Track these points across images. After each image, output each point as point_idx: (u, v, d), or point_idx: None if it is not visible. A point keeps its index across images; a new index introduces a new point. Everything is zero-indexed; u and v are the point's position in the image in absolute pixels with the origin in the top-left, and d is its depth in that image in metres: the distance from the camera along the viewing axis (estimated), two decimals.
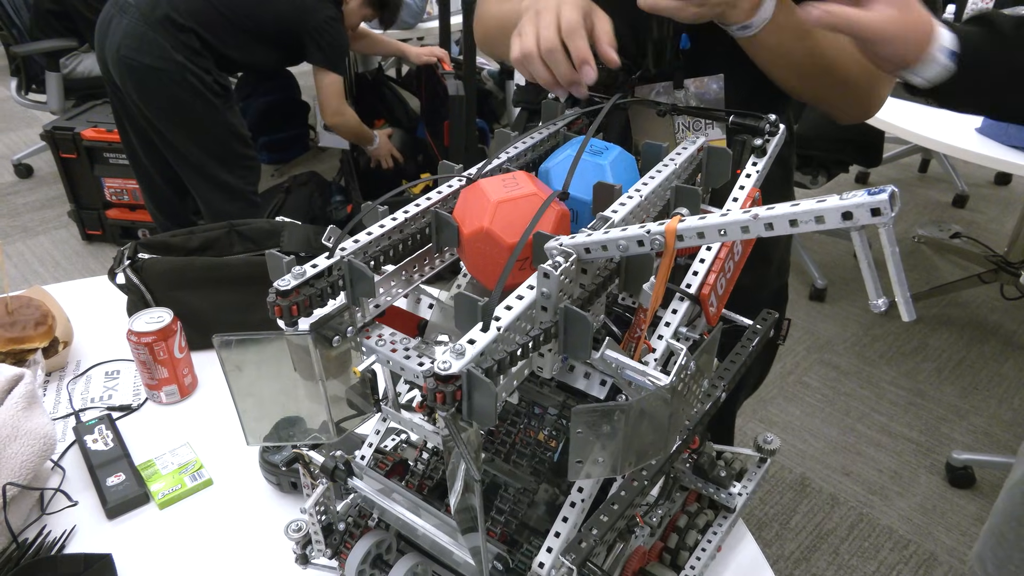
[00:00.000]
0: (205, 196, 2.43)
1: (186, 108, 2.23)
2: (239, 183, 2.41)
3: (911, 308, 0.39)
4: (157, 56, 2.14)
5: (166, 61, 2.14)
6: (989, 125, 1.84)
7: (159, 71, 2.16)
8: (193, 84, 2.19)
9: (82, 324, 1.20)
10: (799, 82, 0.86)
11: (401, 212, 0.60)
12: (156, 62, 2.15)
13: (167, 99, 2.21)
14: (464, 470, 0.49)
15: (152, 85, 2.20)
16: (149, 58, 2.15)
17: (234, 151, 2.37)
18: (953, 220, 3.32)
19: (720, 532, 0.80)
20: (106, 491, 0.91)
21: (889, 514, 1.98)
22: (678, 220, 0.45)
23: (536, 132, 0.74)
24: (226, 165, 2.36)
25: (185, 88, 2.18)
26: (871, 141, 2.68)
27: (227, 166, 2.37)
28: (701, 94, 0.90)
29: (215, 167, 2.35)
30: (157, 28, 2.13)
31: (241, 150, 2.39)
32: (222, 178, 2.37)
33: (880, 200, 0.36)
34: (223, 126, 2.31)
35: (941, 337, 2.64)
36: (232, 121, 2.34)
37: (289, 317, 0.52)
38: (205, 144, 2.32)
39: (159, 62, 2.15)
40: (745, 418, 2.29)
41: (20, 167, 3.67)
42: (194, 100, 2.22)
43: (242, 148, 2.39)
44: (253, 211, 2.46)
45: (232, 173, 2.38)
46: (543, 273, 0.48)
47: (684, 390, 0.49)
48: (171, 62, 2.15)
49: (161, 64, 2.15)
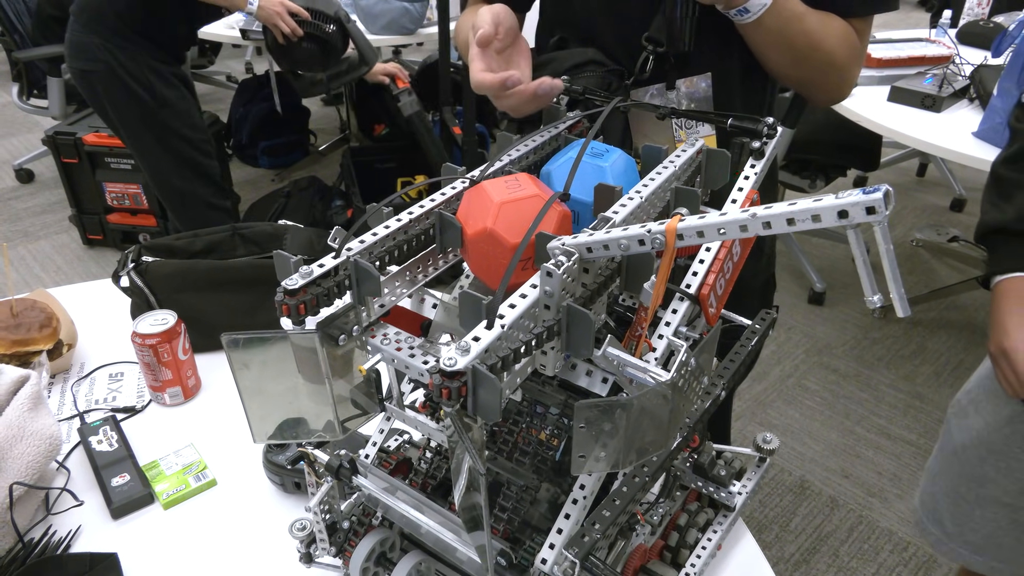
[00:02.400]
0: (166, 203, 2.40)
1: (119, 108, 2.19)
2: (191, 187, 2.33)
3: (906, 305, 0.40)
4: (86, 59, 2.13)
5: (94, 62, 2.12)
6: (985, 129, 1.85)
7: (90, 73, 2.14)
8: (123, 79, 2.12)
9: (86, 327, 1.21)
10: (791, 65, 0.93)
11: (406, 213, 0.61)
12: (86, 65, 2.13)
13: (106, 101, 2.19)
14: (469, 465, 0.50)
15: (91, 90, 2.19)
16: (79, 62, 2.14)
17: (177, 151, 2.27)
18: (951, 224, 3.33)
19: (720, 530, 0.81)
20: (111, 491, 0.92)
21: (889, 516, 1.98)
22: (678, 219, 0.46)
23: (538, 135, 0.75)
24: (175, 168, 2.29)
25: (115, 85, 2.13)
26: (869, 145, 2.69)
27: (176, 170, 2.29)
28: (692, 93, 0.92)
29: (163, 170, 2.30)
30: (82, 25, 2.11)
31: (186, 151, 2.27)
32: (173, 182, 2.31)
33: (875, 199, 0.37)
34: (160, 126, 2.22)
35: (939, 340, 2.65)
36: (169, 122, 2.22)
37: (296, 316, 0.53)
38: (146, 144, 2.26)
39: (88, 64, 2.13)
40: (744, 421, 2.30)
41: (21, 172, 3.68)
42: (127, 98, 2.15)
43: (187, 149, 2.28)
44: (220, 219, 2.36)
45: (183, 179, 2.31)
46: (546, 272, 0.49)
47: (684, 386, 0.50)
48: (98, 61, 2.11)
49: (91, 66, 2.13)
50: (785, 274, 3.00)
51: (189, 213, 2.38)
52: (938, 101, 2.04)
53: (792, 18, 0.87)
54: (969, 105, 2.11)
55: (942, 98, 2.04)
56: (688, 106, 0.94)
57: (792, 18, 0.87)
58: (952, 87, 2.08)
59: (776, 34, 0.88)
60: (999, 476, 1.07)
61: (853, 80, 0.98)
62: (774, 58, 0.92)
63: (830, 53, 0.92)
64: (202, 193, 2.35)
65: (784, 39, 0.89)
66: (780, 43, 0.89)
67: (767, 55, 0.92)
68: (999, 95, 1.80)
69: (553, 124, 0.77)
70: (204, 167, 2.33)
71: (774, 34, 0.88)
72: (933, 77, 2.15)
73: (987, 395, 1.08)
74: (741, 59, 0.94)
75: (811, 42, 0.90)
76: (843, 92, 1.00)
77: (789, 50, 0.90)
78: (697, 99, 0.92)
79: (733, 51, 0.93)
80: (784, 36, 0.88)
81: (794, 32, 0.88)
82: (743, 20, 0.85)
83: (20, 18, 3.30)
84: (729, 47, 0.93)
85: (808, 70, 0.94)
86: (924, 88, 2.08)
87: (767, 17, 0.85)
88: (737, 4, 0.83)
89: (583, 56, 0.89)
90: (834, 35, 0.92)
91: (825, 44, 0.91)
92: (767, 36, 0.88)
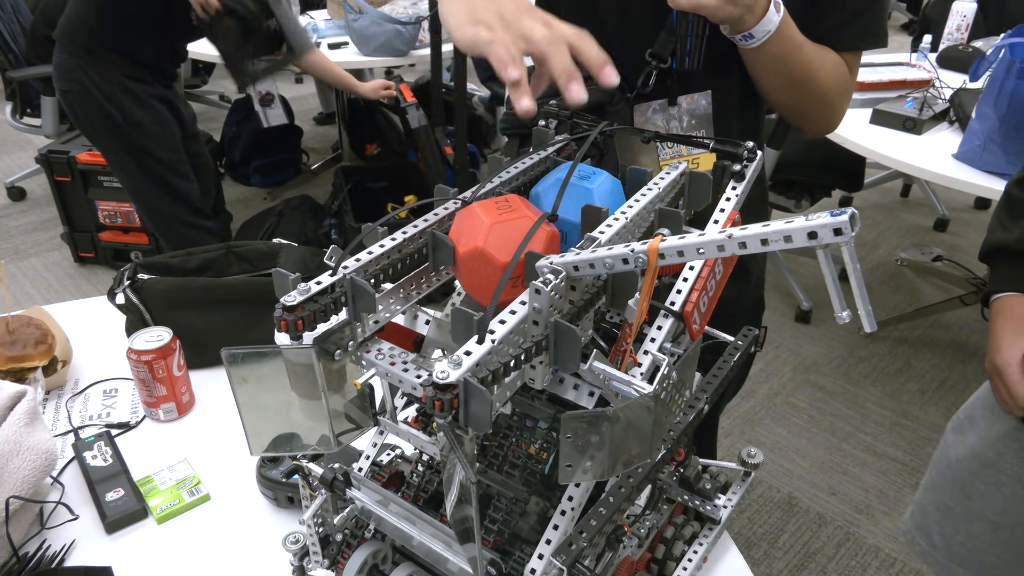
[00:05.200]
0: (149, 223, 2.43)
1: (96, 129, 2.23)
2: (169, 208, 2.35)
3: (872, 320, 0.43)
4: (64, 79, 2.17)
5: (71, 82, 2.16)
6: (964, 151, 1.90)
7: (67, 94, 2.19)
8: (97, 100, 2.15)
9: (80, 344, 1.22)
10: (787, 92, 0.96)
11: (400, 233, 0.64)
12: (64, 85, 2.18)
13: (84, 122, 2.24)
14: (460, 476, 0.52)
15: (72, 111, 2.24)
16: (59, 83, 2.19)
17: (152, 172, 2.29)
18: (935, 244, 3.38)
19: (706, 543, 0.83)
20: (105, 506, 0.93)
21: (876, 533, 2.00)
22: (660, 239, 0.48)
23: (527, 157, 0.78)
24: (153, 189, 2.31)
25: (92, 105, 2.17)
26: (853, 166, 2.74)
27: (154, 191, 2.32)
28: (692, 109, 0.95)
29: (141, 191, 2.33)
30: (65, 49, 2.15)
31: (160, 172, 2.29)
32: (151, 202, 2.34)
33: (841, 221, 0.40)
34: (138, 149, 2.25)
35: (924, 358, 2.69)
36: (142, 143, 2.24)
37: (294, 331, 0.55)
38: (123, 165, 2.29)
39: (66, 84, 2.18)
40: (733, 438, 2.32)
41: (13, 190, 3.69)
42: (101, 120, 2.19)
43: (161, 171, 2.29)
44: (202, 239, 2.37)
45: (161, 200, 2.33)
46: (534, 289, 0.51)
47: (667, 398, 0.52)
48: (74, 81, 2.15)
49: (68, 86, 2.17)
50: (772, 293, 3.04)
51: (166, 231, 2.41)
52: (919, 124, 2.09)
53: (793, 47, 0.90)
54: (949, 128, 2.16)
55: (923, 121, 2.09)
56: (689, 122, 0.97)
57: (793, 47, 0.90)
58: (932, 110, 2.13)
59: (776, 61, 0.91)
60: (986, 491, 1.09)
61: (842, 113, 1.01)
62: (772, 84, 0.95)
63: (825, 83, 0.95)
64: (179, 212, 2.37)
65: (783, 66, 0.92)
66: (779, 70, 0.92)
67: (765, 80, 0.95)
68: (977, 118, 1.85)
69: (542, 147, 0.79)
70: (179, 188, 2.35)
71: (774, 60, 0.91)
72: (914, 100, 2.20)
73: (984, 411, 1.11)
74: (741, 81, 0.97)
75: (808, 71, 0.93)
76: (832, 124, 1.03)
77: (787, 77, 0.93)
78: (698, 116, 0.96)
79: (733, 73, 0.96)
80: (784, 63, 0.91)
81: (793, 60, 0.91)
82: (747, 45, 0.88)
83: (15, 38, 3.32)
84: (730, 68, 0.95)
85: (802, 98, 0.97)
86: (905, 111, 2.13)
87: (769, 43, 0.88)
88: (743, 29, 0.86)
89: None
90: (829, 67, 0.95)
91: (821, 75, 0.94)
92: (768, 62, 0.91)
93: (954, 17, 2.82)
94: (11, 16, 3.34)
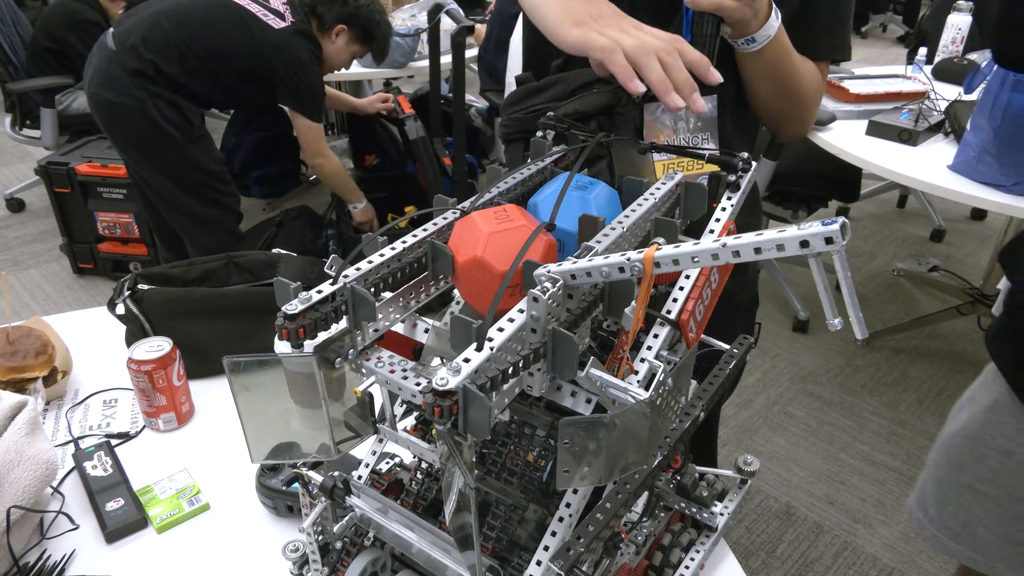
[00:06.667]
0: (183, 228, 2.44)
1: (146, 142, 2.25)
2: (214, 215, 2.40)
3: (863, 327, 0.44)
4: (118, 91, 2.18)
5: (126, 96, 2.18)
6: (959, 162, 1.91)
7: (119, 105, 2.19)
8: (153, 118, 2.19)
9: (80, 354, 1.23)
10: (774, 96, 1.01)
11: (399, 242, 0.64)
12: (116, 97, 2.19)
13: (130, 133, 2.25)
14: (459, 483, 0.52)
15: (114, 119, 2.24)
16: (110, 92, 2.19)
17: (202, 184, 2.35)
18: (931, 254, 3.40)
19: (703, 550, 0.83)
20: (105, 516, 0.93)
21: (873, 542, 2.00)
22: (655, 248, 0.49)
23: (525, 168, 0.79)
24: (198, 199, 2.36)
25: (145, 122, 2.20)
26: (849, 177, 2.76)
27: (199, 200, 2.36)
28: (699, 112, 0.97)
29: (187, 200, 2.35)
30: (123, 63, 2.17)
31: (210, 183, 2.36)
32: (195, 210, 2.37)
33: (832, 230, 0.40)
34: (186, 161, 2.30)
35: (921, 368, 2.70)
36: (196, 157, 2.31)
37: (295, 339, 0.56)
38: (172, 177, 2.32)
39: (119, 96, 2.19)
40: (731, 448, 2.32)
41: (12, 201, 3.70)
42: (154, 135, 2.22)
43: (211, 182, 2.36)
44: (233, 243, 2.43)
45: (205, 206, 2.37)
46: (532, 298, 0.52)
47: (662, 404, 0.53)
48: (131, 96, 2.17)
49: (121, 99, 2.18)
50: (770, 303, 3.05)
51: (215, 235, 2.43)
52: (914, 135, 2.11)
53: (784, 52, 0.95)
54: (944, 139, 2.18)
55: (918, 132, 2.11)
56: (696, 124, 0.99)
57: (784, 52, 0.95)
58: (928, 122, 2.15)
59: (770, 65, 0.95)
60: (974, 462, 1.11)
61: (814, 117, 1.09)
62: (762, 88, 1.00)
63: (807, 88, 1.01)
64: (224, 222, 2.44)
65: (775, 71, 0.97)
66: (771, 74, 0.97)
67: (756, 84, 1.00)
68: (972, 130, 1.86)
69: (540, 158, 0.80)
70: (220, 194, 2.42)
71: (768, 65, 0.95)
72: (909, 112, 2.22)
73: (979, 387, 1.13)
74: (735, 86, 1.01)
75: (795, 76, 0.99)
76: (807, 127, 1.11)
77: (777, 81, 0.98)
78: (704, 119, 0.98)
79: (729, 77, 0.98)
80: (776, 68, 0.96)
81: (784, 65, 0.96)
82: (748, 49, 0.92)
83: (15, 50, 3.34)
84: (727, 73, 0.97)
85: (787, 102, 1.02)
86: (901, 123, 2.15)
87: (768, 48, 0.92)
88: (747, 33, 0.89)
89: (591, 75, 0.91)
90: (810, 73, 1.02)
91: (804, 80, 1.00)
92: (762, 66, 0.96)
93: (949, 30, 2.85)
94: (11, 28, 3.37)
